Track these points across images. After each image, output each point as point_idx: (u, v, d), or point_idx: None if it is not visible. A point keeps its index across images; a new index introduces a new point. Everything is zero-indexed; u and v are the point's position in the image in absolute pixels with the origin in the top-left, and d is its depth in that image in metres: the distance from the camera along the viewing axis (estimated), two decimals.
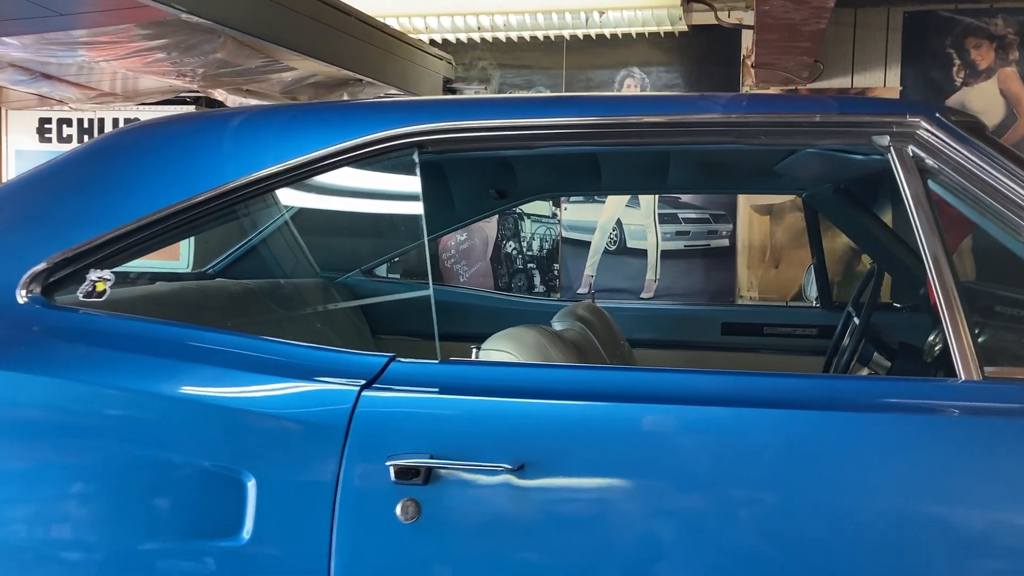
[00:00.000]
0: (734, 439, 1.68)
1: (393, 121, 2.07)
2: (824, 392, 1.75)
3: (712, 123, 1.97)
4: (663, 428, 1.73)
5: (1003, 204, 1.82)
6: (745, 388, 1.75)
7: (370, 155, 2.10)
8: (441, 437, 1.75)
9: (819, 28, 3.23)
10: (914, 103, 1.99)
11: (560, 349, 2.53)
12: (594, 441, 1.72)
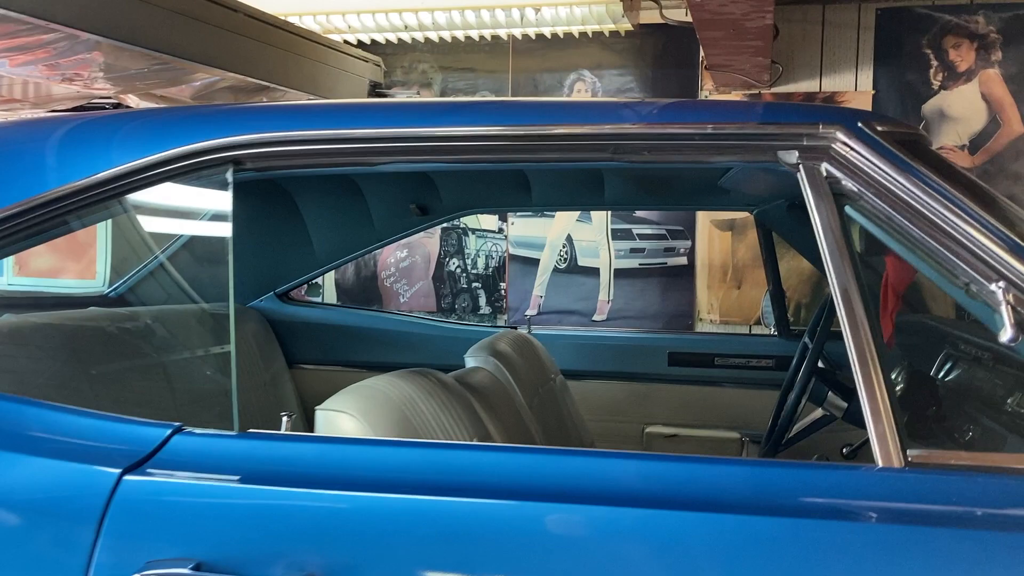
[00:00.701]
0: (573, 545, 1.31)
1: (202, 132, 1.71)
2: (690, 481, 1.37)
3: (581, 137, 1.59)
4: (508, 534, 1.35)
5: (939, 240, 1.45)
6: (595, 475, 1.38)
7: (179, 172, 1.73)
8: (214, 538, 1.37)
9: (765, 24, 2.85)
10: (831, 110, 1.61)
11: (443, 402, 2.16)
12: (420, 552, 1.34)
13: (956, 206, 1.45)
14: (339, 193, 3.45)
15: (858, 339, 1.41)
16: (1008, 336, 1.36)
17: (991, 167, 4.00)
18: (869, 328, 1.42)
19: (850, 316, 1.43)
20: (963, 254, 1.43)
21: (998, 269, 1.41)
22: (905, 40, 4.06)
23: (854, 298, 1.43)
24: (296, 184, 3.43)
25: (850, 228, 1.51)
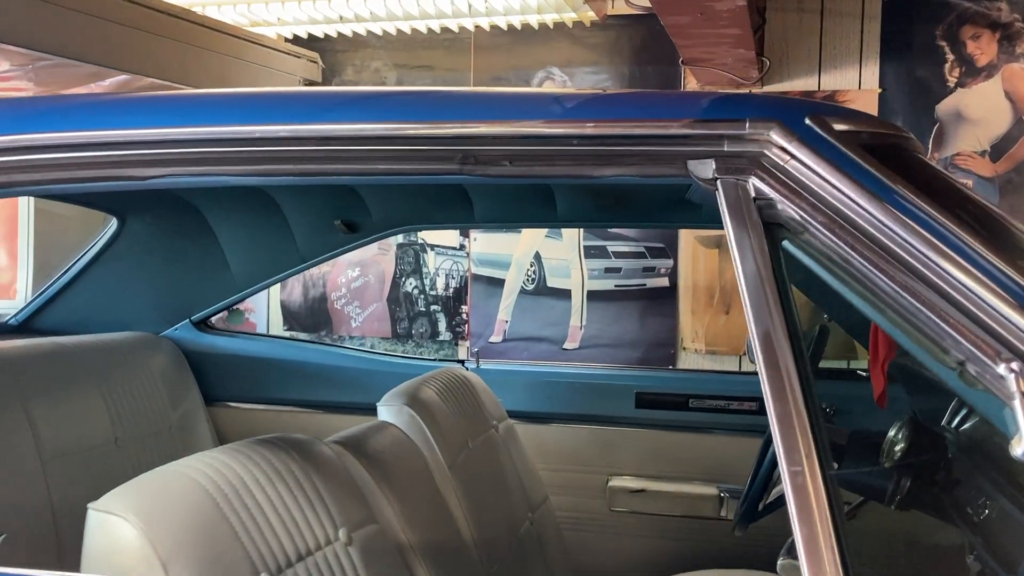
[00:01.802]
0: None
1: None
2: None
3: (413, 140, 1.12)
4: None
5: (922, 297, 0.96)
6: None
7: None
8: None
9: (738, 6, 2.37)
10: (765, 101, 1.12)
11: (299, 484, 1.70)
12: None
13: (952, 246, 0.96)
14: (255, 210, 3.00)
15: (784, 413, 0.93)
16: (1022, 449, 0.87)
17: (1016, 176, 3.47)
18: (799, 381, 0.94)
19: (769, 367, 0.94)
20: (958, 318, 0.94)
21: (1010, 342, 0.91)
22: (916, 31, 3.54)
23: (783, 361, 0.95)
24: (206, 200, 2.99)
25: (784, 270, 1.03)
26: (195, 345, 3.34)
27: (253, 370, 3.38)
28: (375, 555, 1.81)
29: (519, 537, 2.64)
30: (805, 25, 3.64)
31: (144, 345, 3.17)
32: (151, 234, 3.11)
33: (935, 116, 3.54)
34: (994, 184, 3.48)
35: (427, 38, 4.01)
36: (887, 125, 1.24)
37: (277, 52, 3.21)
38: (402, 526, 2.00)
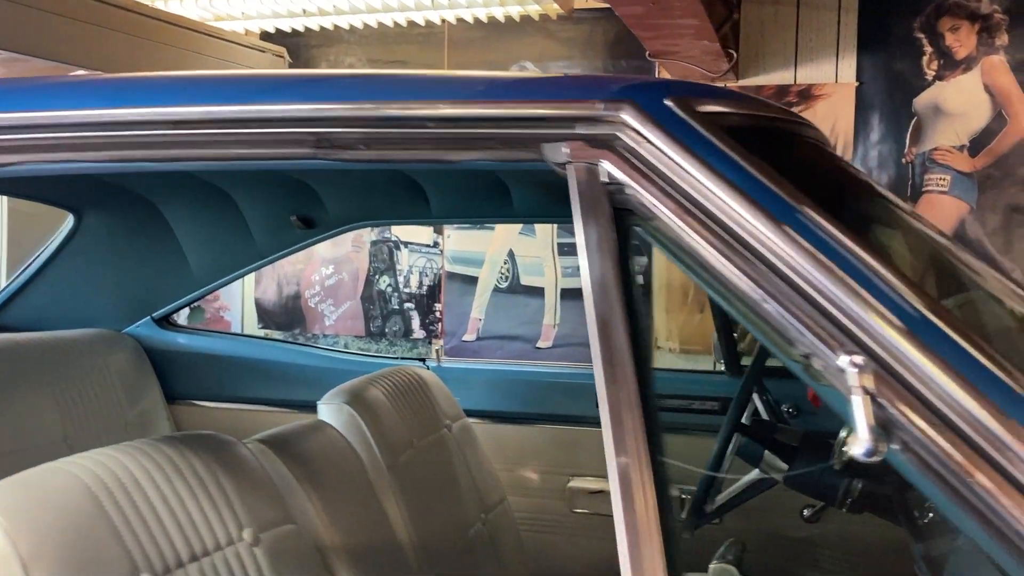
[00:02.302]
0: None
1: None
2: None
3: (258, 122, 1.07)
4: None
5: (767, 287, 0.90)
6: None
7: None
8: None
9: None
10: (620, 82, 1.06)
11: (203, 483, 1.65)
12: None
13: (803, 234, 0.90)
14: (210, 205, 2.96)
15: (616, 404, 0.88)
16: (862, 448, 0.82)
17: (996, 171, 3.38)
18: (635, 392, 0.89)
19: (610, 381, 0.89)
20: (804, 309, 0.88)
21: (854, 334, 0.85)
22: (894, 23, 3.45)
23: (620, 354, 0.90)
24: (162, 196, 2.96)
25: (631, 262, 0.97)
26: (157, 342, 3.30)
27: (216, 368, 3.35)
28: (287, 556, 1.76)
29: (468, 539, 2.59)
30: (781, 17, 3.57)
31: (104, 342, 3.13)
32: (108, 230, 3.07)
33: (913, 110, 3.45)
34: (973, 179, 3.39)
35: (401, 32, 3.97)
36: (774, 109, 1.18)
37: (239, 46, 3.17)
38: (325, 527, 1.95)
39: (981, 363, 0.84)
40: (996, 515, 0.80)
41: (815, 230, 0.90)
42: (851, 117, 3.50)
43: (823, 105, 3.53)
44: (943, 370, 0.83)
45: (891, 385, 0.84)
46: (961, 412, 0.82)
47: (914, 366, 0.84)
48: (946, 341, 0.85)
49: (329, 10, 3.34)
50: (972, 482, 0.80)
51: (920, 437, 0.82)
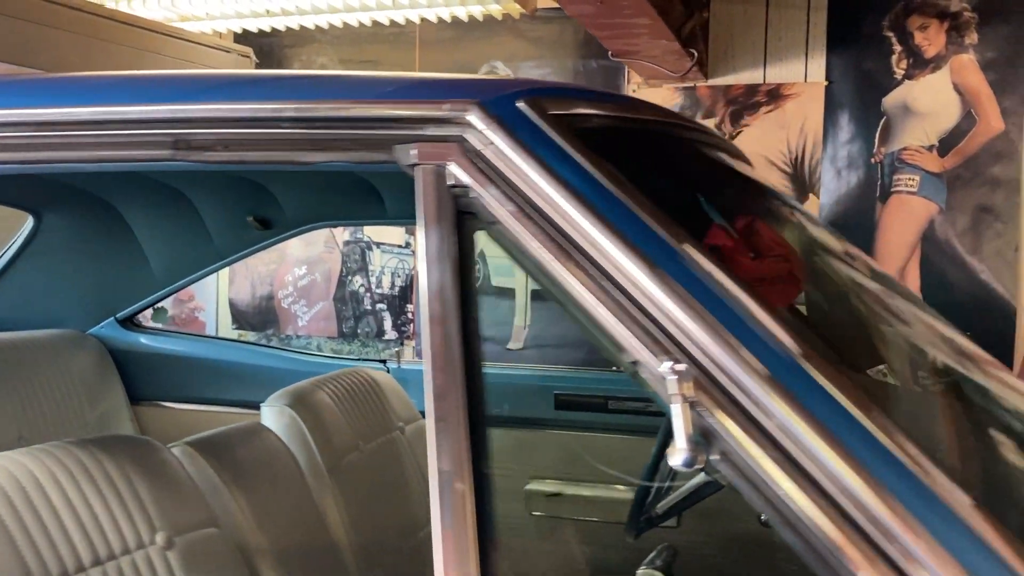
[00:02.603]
0: None
1: None
2: None
3: (114, 124, 1.06)
4: None
5: (601, 294, 0.88)
6: None
7: None
8: None
9: None
10: (471, 82, 1.04)
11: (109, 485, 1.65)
12: None
13: (641, 241, 0.89)
14: (168, 206, 2.96)
15: (444, 412, 0.87)
16: (680, 458, 0.80)
17: (965, 171, 3.33)
18: (464, 401, 0.87)
19: (440, 387, 0.88)
20: (633, 315, 0.86)
21: (678, 341, 0.83)
22: (863, 22, 3.42)
23: (452, 359, 0.89)
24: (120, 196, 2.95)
25: (471, 266, 0.96)
26: (120, 343, 3.30)
27: (181, 369, 3.34)
28: (205, 559, 1.75)
29: (418, 540, 2.57)
30: (750, 17, 3.54)
31: (66, 343, 3.13)
32: (69, 231, 3.07)
33: (882, 109, 3.42)
34: (942, 180, 3.36)
35: (372, 32, 3.96)
36: (652, 111, 1.15)
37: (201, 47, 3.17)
38: (252, 530, 1.94)
39: (807, 375, 0.82)
40: (804, 526, 0.78)
41: (649, 237, 0.88)
42: (820, 116, 3.47)
43: (792, 104, 3.50)
44: (763, 381, 0.81)
45: (711, 394, 0.82)
46: (779, 424, 0.80)
47: (734, 375, 0.82)
48: (770, 352, 0.83)
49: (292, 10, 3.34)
50: (780, 492, 0.79)
51: (735, 447, 0.80)
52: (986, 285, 3.30)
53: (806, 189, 3.50)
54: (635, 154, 1.08)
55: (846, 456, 0.79)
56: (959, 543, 0.77)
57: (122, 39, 2.83)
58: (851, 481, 0.78)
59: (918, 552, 0.76)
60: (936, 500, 0.78)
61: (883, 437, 0.81)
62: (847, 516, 0.77)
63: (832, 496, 0.78)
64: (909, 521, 0.77)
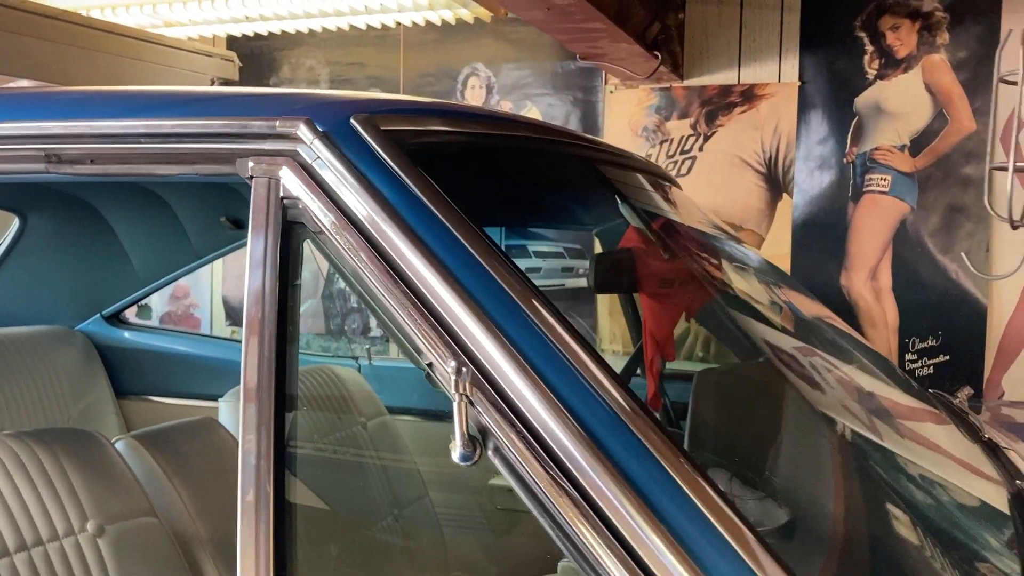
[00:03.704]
0: None
1: None
2: None
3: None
4: None
5: (397, 297, 0.95)
6: None
7: None
8: None
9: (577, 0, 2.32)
10: (306, 98, 1.11)
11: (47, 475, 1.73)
12: None
13: (445, 254, 0.95)
14: (147, 207, 3.06)
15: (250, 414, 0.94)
16: (457, 453, 0.86)
17: (936, 171, 3.33)
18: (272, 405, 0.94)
19: (249, 397, 0.95)
20: (429, 321, 0.93)
21: (462, 342, 0.90)
22: (835, 22, 3.42)
23: (267, 365, 0.95)
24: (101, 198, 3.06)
25: (296, 273, 1.02)
26: (107, 339, 3.41)
27: (166, 364, 3.44)
28: (139, 547, 1.83)
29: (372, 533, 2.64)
30: (725, 18, 3.56)
31: (53, 339, 3.24)
32: (55, 232, 3.18)
33: (855, 109, 3.42)
34: (913, 179, 3.35)
35: (359, 35, 4.03)
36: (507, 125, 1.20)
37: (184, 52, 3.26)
38: (193, 521, 2.02)
39: (579, 383, 0.88)
40: (566, 525, 0.84)
41: (450, 249, 0.94)
42: (793, 117, 3.48)
43: (766, 105, 3.51)
44: (535, 385, 0.87)
45: (488, 394, 0.88)
46: (543, 425, 0.86)
47: (509, 379, 0.88)
48: (546, 359, 0.89)
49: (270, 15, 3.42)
50: (542, 489, 0.84)
51: (506, 444, 0.86)
52: (957, 283, 3.30)
53: (780, 189, 3.52)
54: (470, 168, 1.13)
55: (605, 459, 0.85)
56: (706, 546, 0.82)
57: (101, 46, 2.93)
58: (607, 483, 0.84)
59: (667, 555, 0.82)
60: (689, 502, 0.84)
61: (649, 440, 0.87)
62: (601, 515, 0.83)
63: (590, 497, 0.84)
64: (659, 524, 0.82)
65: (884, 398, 1.61)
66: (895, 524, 1.19)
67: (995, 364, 3.29)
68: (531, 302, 0.94)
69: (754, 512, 1.17)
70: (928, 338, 3.34)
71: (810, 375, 1.53)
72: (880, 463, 1.33)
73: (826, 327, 1.99)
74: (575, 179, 1.51)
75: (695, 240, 1.93)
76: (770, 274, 2.09)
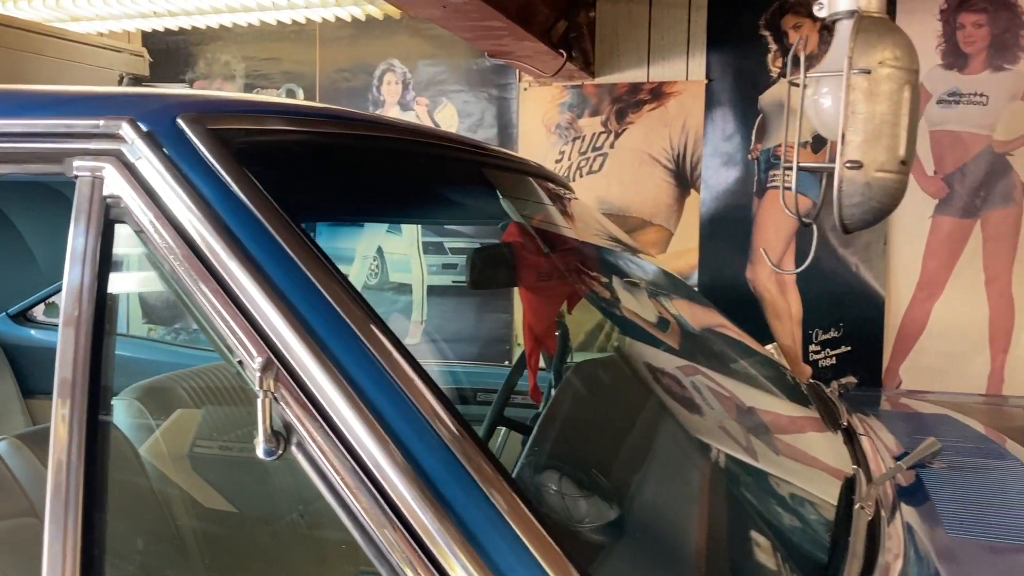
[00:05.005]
0: None
1: None
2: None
3: None
4: None
5: (209, 296, 0.96)
6: None
7: None
8: None
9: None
10: (128, 97, 1.12)
11: None
12: None
13: (257, 251, 0.96)
14: (49, 204, 3.02)
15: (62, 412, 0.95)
16: (260, 448, 0.88)
17: None
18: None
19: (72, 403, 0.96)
20: (237, 318, 0.94)
21: (272, 343, 0.92)
22: (741, 21, 3.49)
23: (77, 367, 0.96)
24: (3, 197, 3.01)
25: (106, 276, 1.03)
26: (12, 338, 3.35)
27: None
28: (18, 547, 1.82)
29: (275, 529, 2.64)
30: (635, 16, 3.61)
31: None
32: None
33: (759, 107, 3.50)
34: (815, 176, 3.43)
35: (275, 31, 4.01)
36: (348, 124, 1.22)
37: (91, 47, 3.20)
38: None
39: (384, 380, 0.90)
40: (365, 523, 0.86)
41: (264, 247, 0.96)
42: (701, 114, 3.54)
43: (674, 102, 3.57)
44: (337, 383, 0.90)
45: (293, 390, 0.89)
46: (343, 421, 0.88)
47: (313, 375, 0.90)
48: (351, 357, 0.91)
49: (178, 11, 3.39)
50: (344, 486, 0.87)
51: (307, 439, 0.88)
52: (858, 276, 3.39)
53: (688, 185, 3.58)
54: (304, 167, 1.15)
55: (399, 455, 0.87)
56: (502, 545, 0.85)
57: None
58: (405, 482, 0.86)
59: (459, 554, 0.85)
60: (486, 501, 0.86)
61: (451, 439, 0.89)
62: (398, 513, 0.86)
63: (388, 495, 0.86)
64: (449, 520, 0.85)
65: (740, 396, 1.66)
66: (718, 521, 1.24)
67: (893, 354, 3.39)
68: (344, 301, 0.96)
69: (582, 510, 1.20)
70: (831, 329, 3.43)
71: (669, 373, 1.57)
72: (719, 464, 1.37)
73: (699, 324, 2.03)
74: (421, 176, 1.52)
75: (574, 235, 1.96)
76: (647, 272, 2.14)
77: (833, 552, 1.14)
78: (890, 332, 3.38)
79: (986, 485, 1.47)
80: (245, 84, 4.09)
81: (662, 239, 3.59)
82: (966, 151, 3.32)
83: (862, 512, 1.20)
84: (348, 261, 3.98)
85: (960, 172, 3.33)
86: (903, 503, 1.34)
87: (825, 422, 1.74)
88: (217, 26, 3.81)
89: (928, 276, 3.35)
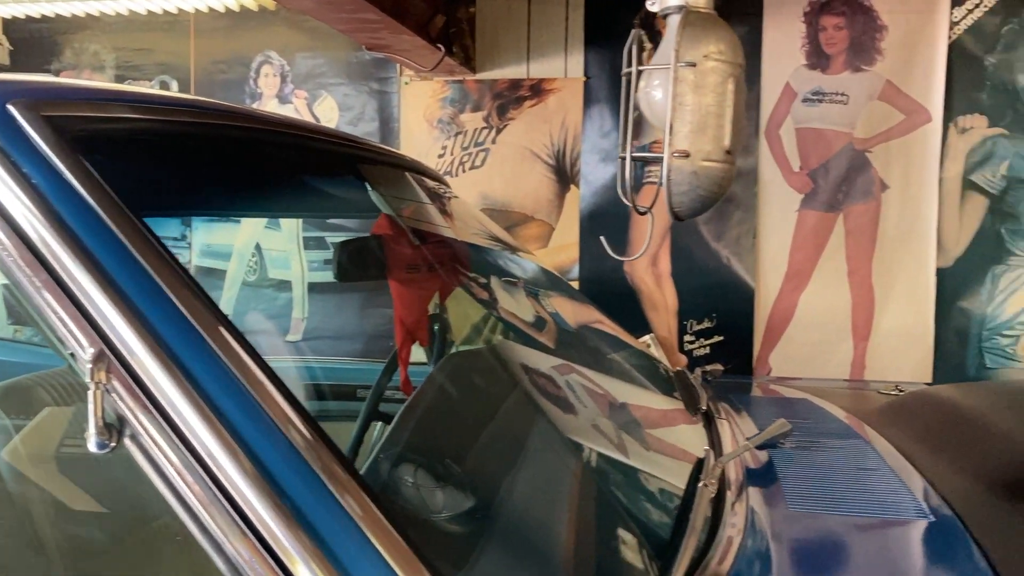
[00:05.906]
0: None
1: None
2: None
3: None
4: None
5: (40, 287, 0.93)
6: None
7: None
8: None
9: None
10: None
11: None
12: None
13: (89, 239, 0.93)
14: None
15: None
16: (92, 442, 0.85)
17: None
18: None
19: None
20: (67, 308, 0.91)
21: (105, 334, 0.89)
22: (617, 19, 3.57)
23: None
24: None
25: None
26: None
27: None
28: None
29: (151, 532, 2.57)
30: (514, 12, 3.64)
31: None
32: None
33: (635, 104, 3.57)
34: None
35: (147, 20, 3.88)
36: (168, 109, 1.19)
37: None
38: None
39: (222, 370, 0.89)
40: (201, 515, 0.85)
41: (98, 237, 0.93)
42: (580, 111, 3.61)
43: (554, 99, 3.62)
44: (172, 375, 0.88)
45: (126, 382, 0.88)
46: (179, 415, 0.87)
47: (147, 367, 0.88)
48: (188, 350, 0.90)
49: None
50: (177, 480, 0.85)
51: (141, 432, 0.87)
52: (729, 268, 3.51)
53: (568, 180, 3.64)
54: (145, 155, 1.12)
55: (236, 448, 0.86)
56: (346, 541, 0.85)
57: None
58: (243, 475, 0.86)
59: (300, 550, 0.84)
60: (328, 495, 0.86)
61: (292, 432, 0.89)
62: (236, 506, 0.85)
63: (225, 488, 0.85)
64: (288, 513, 0.85)
65: (604, 385, 1.70)
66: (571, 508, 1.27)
67: (763, 343, 3.53)
68: (181, 293, 0.94)
69: (438, 501, 1.21)
70: (704, 320, 3.54)
71: (535, 366, 1.60)
72: (576, 452, 1.41)
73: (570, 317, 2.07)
74: (277, 168, 1.51)
75: (447, 229, 1.97)
76: (517, 264, 2.17)
77: (676, 529, 1.18)
78: (760, 322, 3.51)
79: (831, 463, 1.55)
80: (116, 75, 3.95)
81: (544, 234, 3.64)
82: (829, 148, 3.48)
83: (705, 490, 1.25)
84: (226, 257, 3.89)
85: (824, 168, 3.49)
86: (751, 482, 1.40)
87: (687, 409, 1.80)
88: (83, 14, 3.66)
89: (795, 268, 3.50)
